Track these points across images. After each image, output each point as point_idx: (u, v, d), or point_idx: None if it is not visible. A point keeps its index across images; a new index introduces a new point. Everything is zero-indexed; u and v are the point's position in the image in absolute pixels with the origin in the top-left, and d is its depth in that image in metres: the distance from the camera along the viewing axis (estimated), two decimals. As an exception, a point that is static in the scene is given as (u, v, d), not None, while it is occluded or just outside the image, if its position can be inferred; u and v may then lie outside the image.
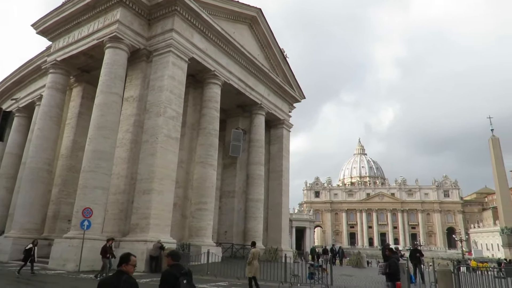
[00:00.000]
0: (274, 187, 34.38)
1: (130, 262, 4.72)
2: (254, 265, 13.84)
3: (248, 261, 14.11)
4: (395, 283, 10.59)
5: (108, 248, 16.21)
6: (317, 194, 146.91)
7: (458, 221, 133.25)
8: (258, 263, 14.11)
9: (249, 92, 30.73)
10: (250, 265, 13.89)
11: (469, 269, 25.02)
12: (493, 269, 20.40)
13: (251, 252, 14.59)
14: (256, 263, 13.98)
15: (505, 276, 16.04)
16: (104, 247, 16.21)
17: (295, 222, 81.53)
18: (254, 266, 13.84)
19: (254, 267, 13.84)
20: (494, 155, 43.24)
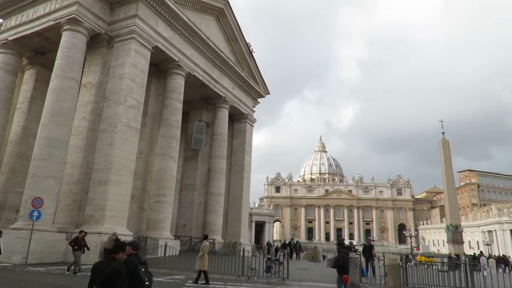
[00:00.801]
0: (235, 181, 34.43)
1: (126, 252, 5.11)
2: (205, 259, 13.96)
3: (200, 254, 14.22)
4: (342, 276, 11.01)
5: (80, 240, 15.60)
6: (278, 189, 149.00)
7: (409, 218, 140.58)
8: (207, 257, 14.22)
9: (213, 84, 30.44)
10: (201, 258, 13.98)
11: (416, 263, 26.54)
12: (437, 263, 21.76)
13: (203, 245, 14.73)
14: (207, 256, 14.06)
15: (447, 270, 17.14)
16: (75, 239, 15.56)
17: (255, 217, 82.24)
18: (205, 260, 13.94)
19: (205, 260, 13.93)
20: (444, 156, 45.78)
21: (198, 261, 14.07)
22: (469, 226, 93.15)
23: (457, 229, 42.87)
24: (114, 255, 4.93)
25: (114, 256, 4.92)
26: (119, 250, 4.96)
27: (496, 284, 15.66)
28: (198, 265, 14.09)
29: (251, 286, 14.53)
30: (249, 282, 15.73)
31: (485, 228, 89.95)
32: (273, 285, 15.14)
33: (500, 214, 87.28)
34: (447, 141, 45.98)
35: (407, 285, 15.43)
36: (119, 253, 4.95)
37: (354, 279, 15.48)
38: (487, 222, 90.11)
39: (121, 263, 4.90)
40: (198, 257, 14.27)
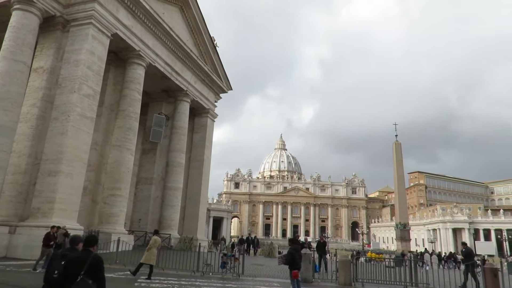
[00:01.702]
0: (194, 176, 34.04)
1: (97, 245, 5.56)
2: (152, 253, 13.86)
3: (148, 247, 14.13)
4: (292, 271, 11.29)
5: (52, 236, 14.71)
6: (237, 185, 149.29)
7: (362, 216, 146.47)
8: (155, 251, 14.13)
9: (175, 77, 29.83)
10: (148, 252, 13.91)
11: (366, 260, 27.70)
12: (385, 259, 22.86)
13: (152, 239, 14.68)
14: (154, 251, 13.89)
15: (394, 266, 18.05)
16: (47, 235, 14.63)
17: (213, 212, 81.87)
18: (153, 254, 13.84)
19: (153, 255, 13.83)
20: (396, 158, 48.06)
21: (145, 254, 13.97)
22: (416, 224, 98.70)
23: (405, 227, 45.27)
24: (89, 248, 5.33)
25: (89, 249, 5.32)
26: (91, 245, 5.38)
27: (437, 278, 16.77)
28: (143, 258, 13.97)
29: (206, 281, 14.46)
30: (203, 278, 15.64)
31: (430, 226, 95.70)
32: (228, 281, 15.17)
33: (444, 214, 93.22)
34: (399, 144, 48.29)
35: (357, 280, 16.07)
36: (92, 247, 5.37)
37: (306, 275, 15.89)
38: (432, 221, 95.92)
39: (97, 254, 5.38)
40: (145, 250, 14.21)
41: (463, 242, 20.35)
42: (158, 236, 15.43)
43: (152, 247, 14.11)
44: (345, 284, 15.60)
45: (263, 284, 15.00)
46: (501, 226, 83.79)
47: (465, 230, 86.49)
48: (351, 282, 15.76)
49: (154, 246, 14.17)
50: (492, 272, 14.60)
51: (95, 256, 5.24)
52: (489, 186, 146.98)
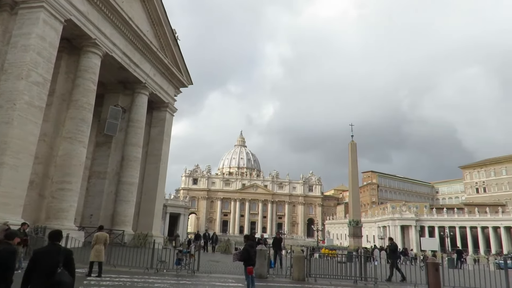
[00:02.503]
0: (150, 171, 33.19)
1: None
2: (97, 249, 13.56)
3: (91, 245, 13.83)
4: (247, 267, 11.42)
5: (22, 233, 13.54)
6: (196, 181, 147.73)
7: (317, 213, 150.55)
8: (102, 248, 13.74)
9: (133, 68, 28.86)
10: (93, 249, 13.63)
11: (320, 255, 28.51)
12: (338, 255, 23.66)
13: (94, 235, 14.35)
14: (98, 248, 13.58)
15: (345, 261, 18.74)
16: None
17: (170, 208, 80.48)
18: (97, 250, 13.54)
19: (97, 251, 13.53)
20: (351, 158, 49.73)
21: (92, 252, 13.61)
22: (368, 221, 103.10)
23: (357, 224, 47.03)
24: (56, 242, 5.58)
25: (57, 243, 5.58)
26: (58, 239, 5.65)
27: (384, 272, 17.65)
28: (91, 256, 13.57)
29: (160, 279, 14.20)
30: (157, 275, 15.35)
31: (380, 223, 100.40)
32: (182, 278, 14.99)
33: (394, 212, 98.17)
34: (355, 144, 50.01)
35: (310, 275, 16.51)
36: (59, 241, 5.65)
37: (262, 271, 16.09)
38: (383, 218, 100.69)
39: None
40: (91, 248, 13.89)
41: (390, 237, 21.58)
42: (103, 232, 14.86)
43: (96, 244, 13.69)
44: (299, 279, 15.98)
45: (218, 280, 14.99)
46: (444, 224, 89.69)
47: (412, 227, 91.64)
48: (304, 277, 16.17)
49: (98, 242, 13.73)
50: (434, 267, 15.57)
51: (67, 249, 5.67)
52: (435, 186, 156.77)
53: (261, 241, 22.73)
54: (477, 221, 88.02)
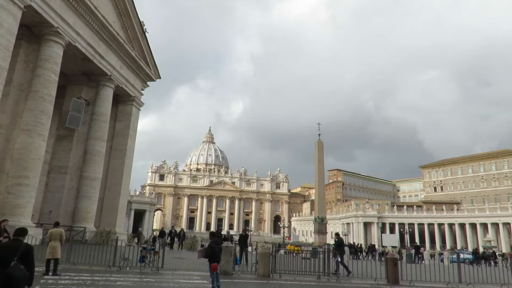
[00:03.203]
0: (115, 167, 32.26)
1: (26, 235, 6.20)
2: (51, 246, 13.16)
3: (46, 242, 13.45)
4: (211, 264, 11.43)
5: (3, 230, 12.64)
6: (162, 177, 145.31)
7: (284, 210, 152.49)
8: (56, 244, 13.29)
9: (98, 60, 27.87)
10: (48, 246, 13.24)
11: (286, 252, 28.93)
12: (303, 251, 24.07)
13: (48, 232, 13.94)
14: (52, 244, 13.17)
15: (310, 257, 19.12)
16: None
17: (135, 205, 78.63)
18: (51, 247, 13.15)
19: (51, 248, 13.14)
20: (318, 156, 50.67)
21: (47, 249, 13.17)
22: (332, 218, 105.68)
23: (323, 221, 48.05)
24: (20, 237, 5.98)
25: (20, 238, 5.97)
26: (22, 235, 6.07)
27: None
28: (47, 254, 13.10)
29: (122, 276, 13.87)
30: (120, 272, 14.98)
31: (345, 220, 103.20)
32: (146, 275, 14.73)
33: (357, 209, 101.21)
34: (321, 143, 50.99)
35: (275, 271, 16.72)
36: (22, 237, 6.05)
37: (227, 267, 16.10)
38: (347, 215, 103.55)
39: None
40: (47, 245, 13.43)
41: (336, 233, 22.21)
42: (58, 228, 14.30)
43: (50, 240, 13.24)
44: (264, 275, 16.15)
45: (182, 277, 14.86)
46: (404, 221, 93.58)
47: (374, 224, 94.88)
48: (269, 273, 16.35)
49: (52, 239, 13.25)
50: (393, 262, 16.24)
51: (27, 245, 5.91)
52: (396, 184, 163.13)
53: (227, 237, 22.75)
54: (434, 218, 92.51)
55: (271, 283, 14.65)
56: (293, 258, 19.96)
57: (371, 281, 16.33)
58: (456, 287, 16.02)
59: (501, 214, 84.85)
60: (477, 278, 17.44)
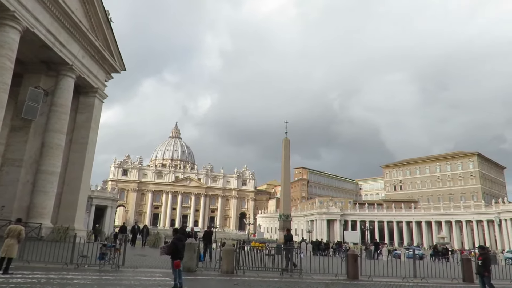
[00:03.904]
0: (75, 160, 30.94)
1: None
2: (7, 244, 12.57)
3: (3, 238, 12.84)
4: (174, 261, 11.29)
5: None
6: (126, 173, 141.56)
7: (250, 207, 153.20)
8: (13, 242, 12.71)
9: (58, 48, 26.54)
10: (4, 243, 12.62)
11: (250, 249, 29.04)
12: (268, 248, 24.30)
13: (7, 228, 13.30)
14: (8, 242, 12.58)
15: (273, 254, 19.31)
16: None
17: (96, 200, 75.97)
18: (7, 245, 12.54)
19: (6, 245, 12.52)
20: (284, 154, 51.19)
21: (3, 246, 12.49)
22: (297, 216, 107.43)
23: (287, 218, 48.66)
24: None
25: None
26: None
27: (309, 263, 18.54)
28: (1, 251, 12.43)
29: (80, 274, 13.36)
30: (78, 270, 14.42)
31: (309, 217, 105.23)
32: (106, 273, 14.26)
33: (321, 207, 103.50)
34: (288, 140, 51.56)
35: (239, 268, 16.74)
36: None
37: (190, 264, 15.93)
38: (311, 213, 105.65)
39: None
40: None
41: (288, 228, 22.67)
42: (18, 225, 13.61)
43: (8, 237, 12.58)
44: (228, 272, 16.13)
45: (144, 275, 14.54)
46: (365, 218, 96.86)
47: (337, 221, 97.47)
48: (233, 270, 16.35)
49: (10, 236, 12.58)
50: (353, 258, 16.74)
51: None
52: (359, 183, 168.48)
53: (191, 234, 22.51)
54: (393, 216, 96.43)
55: (234, 280, 14.65)
56: (257, 255, 20.09)
57: (332, 276, 16.74)
58: (411, 281, 16.75)
59: (454, 212, 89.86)
60: (431, 273, 18.34)
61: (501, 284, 17.52)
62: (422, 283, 16.52)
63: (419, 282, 16.68)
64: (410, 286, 15.41)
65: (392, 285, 15.36)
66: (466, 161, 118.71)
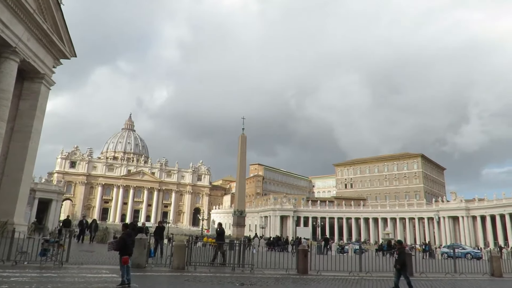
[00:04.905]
0: (16, 150, 28.88)
1: None
2: None
3: None
4: (122, 257, 10.99)
5: None
6: (74, 165, 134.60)
7: (204, 202, 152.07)
8: None
9: (0, 28, 24.55)
10: None
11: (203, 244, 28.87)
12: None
13: None
14: None
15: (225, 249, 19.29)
16: None
17: (40, 193, 71.68)
18: None
19: None
20: (241, 150, 51.38)
21: None
22: (251, 212, 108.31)
23: (242, 214, 48.93)
24: None
25: None
26: None
27: (261, 258, 18.80)
28: None
29: (18, 272, 12.53)
30: (16, 267, 13.54)
31: (263, 214, 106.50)
32: (47, 270, 13.49)
33: (275, 203, 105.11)
34: (245, 137, 51.76)
35: (190, 263, 16.56)
36: None
37: (140, 260, 15.53)
38: (265, 209, 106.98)
39: None
40: None
41: (219, 222, 23.05)
42: None
43: None
44: (178, 268, 15.90)
45: (89, 271, 13.93)
46: (317, 215, 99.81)
47: (290, 217, 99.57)
48: (184, 266, 16.14)
49: None
50: (303, 253, 17.18)
51: None
52: (312, 180, 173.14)
53: (142, 230, 21.94)
54: (343, 213, 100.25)
55: (185, 276, 14.47)
56: (209, 251, 20.00)
57: (283, 271, 17.07)
58: (356, 275, 17.53)
59: (399, 210, 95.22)
60: (376, 267, 19.30)
61: (436, 277, 18.88)
62: (367, 276, 17.34)
63: (364, 276, 17.49)
64: (355, 280, 16.12)
65: (339, 279, 15.97)
66: (411, 162, 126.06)
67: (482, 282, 18.53)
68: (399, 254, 13.50)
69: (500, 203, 74.70)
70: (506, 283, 18.51)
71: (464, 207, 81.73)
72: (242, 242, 19.04)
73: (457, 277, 19.32)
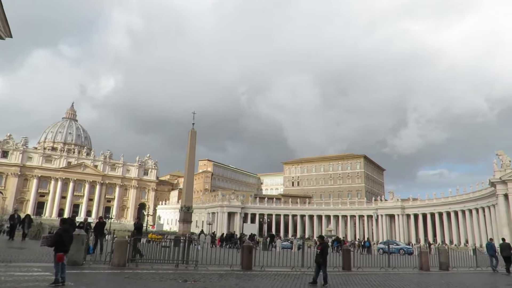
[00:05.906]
0: None
1: None
2: None
3: None
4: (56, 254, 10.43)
5: None
6: (6, 155, 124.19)
7: (150, 197, 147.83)
8: None
9: None
10: None
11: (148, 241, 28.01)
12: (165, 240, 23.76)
13: None
14: None
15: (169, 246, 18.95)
16: None
17: (-36, 185, 65.24)
18: None
19: None
20: (190, 145, 50.64)
21: None
22: (199, 208, 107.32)
23: (189, 210, 48.26)
24: None
25: None
26: None
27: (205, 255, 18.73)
28: None
29: None
30: None
31: (210, 210, 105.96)
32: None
33: (223, 199, 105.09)
34: (195, 132, 51.06)
35: (132, 260, 16.04)
36: None
37: (77, 257, 14.77)
38: (213, 205, 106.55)
39: None
40: None
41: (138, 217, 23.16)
42: None
43: None
44: (119, 265, 15.34)
45: (19, 270, 12.97)
46: (264, 212, 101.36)
47: (237, 214, 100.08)
48: (125, 263, 15.61)
49: None
50: (248, 249, 17.38)
51: None
52: (261, 177, 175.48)
53: (83, 225, 20.89)
54: (289, 210, 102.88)
55: (125, 273, 13.99)
56: (153, 247, 19.51)
57: (227, 267, 17.14)
58: (298, 270, 18.09)
59: (341, 208, 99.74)
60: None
61: (372, 271, 20.04)
62: (308, 271, 17.94)
63: (306, 271, 18.08)
64: (297, 275, 16.62)
65: (282, 274, 16.37)
66: (355, 162, 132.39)
67: (412, 275, 20.02)
68: (322, 249, 14.03)
69: (431, 203, 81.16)
70: (432, 276, 20.11)
71: (400, 206, 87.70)
72: (186, 238, 18.80)
73: (390, 271, 20.65)
